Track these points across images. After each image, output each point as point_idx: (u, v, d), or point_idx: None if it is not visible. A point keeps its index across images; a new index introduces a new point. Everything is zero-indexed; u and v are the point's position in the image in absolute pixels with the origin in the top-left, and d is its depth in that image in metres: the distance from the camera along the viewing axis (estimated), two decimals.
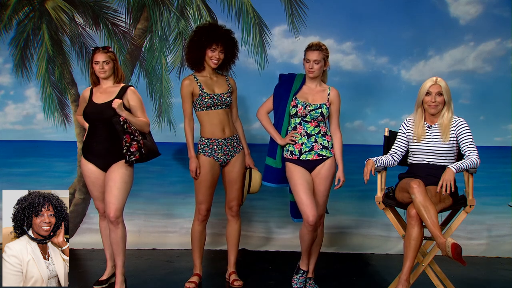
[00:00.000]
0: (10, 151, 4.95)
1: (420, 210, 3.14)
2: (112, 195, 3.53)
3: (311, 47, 3.54)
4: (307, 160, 3.56)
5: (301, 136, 3.57)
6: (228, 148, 3.75)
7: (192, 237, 3.84)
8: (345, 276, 4.05)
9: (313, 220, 3.42)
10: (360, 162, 3.56)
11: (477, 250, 4.62)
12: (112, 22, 4.88)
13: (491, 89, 4.73)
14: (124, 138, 3.51)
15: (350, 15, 4.76)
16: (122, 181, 3.55)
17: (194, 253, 3.85)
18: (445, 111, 3.48)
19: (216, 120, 3.71)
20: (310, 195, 3.47)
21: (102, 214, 3.73)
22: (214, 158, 3.73)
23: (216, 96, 3.69)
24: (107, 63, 3.59)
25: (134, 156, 3.53)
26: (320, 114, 3.55)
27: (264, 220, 4.87)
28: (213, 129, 3.71)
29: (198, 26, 3.85)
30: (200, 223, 3.80)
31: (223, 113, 3.73)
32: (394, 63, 4.80)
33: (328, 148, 3.58)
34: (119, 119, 3.51)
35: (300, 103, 3.55)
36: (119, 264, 3.63)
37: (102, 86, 3.66)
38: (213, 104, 3.69)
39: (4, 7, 4.87)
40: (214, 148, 3.72)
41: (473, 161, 3.31)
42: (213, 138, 3.72)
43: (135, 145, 3.54)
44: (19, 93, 4.96)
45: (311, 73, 3.54)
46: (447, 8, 4.74)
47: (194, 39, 3.69)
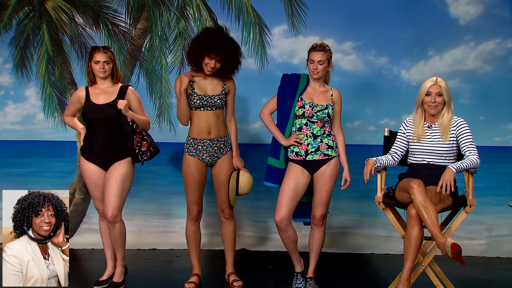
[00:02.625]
0: (10, 151, 4.95)
1: (420, 210, 3.14)
2: (111, 194, 3.55)
3: (315, 48, 3.53)
4: (312, 160, 3.56)
5: (307, 137, 3.57)
6: (213, 149, 3.72)
7: (187, 238, 3.85)
8: (345, 276, 4.05)
9: (278, 220, 3.49)
10: (360, 162, 3.56)
11: (477, 250, 4.62)
12: (112, 22, 4.88)
13: (491, 89, 4.73)
14: (134, 138, 3.56)
15: (350, 15, 4.76)
16: (122, 180, 3.57)
17: (191, 254, 3.86)
18: (445, 111, 3.48)
19: (203, 121, 3.69)
20: (291, 198, 3.51)
21: (102, 214, 3.74)
22: (199, 158, 3.71)
23: (206, 98, 3.66)
24: (107, 63, 3.60)
25: (146, 155, 3.61)
26: (327, 115, 3.55)
27: (264, 220, 4.87)
28: (199, 130, 3.69)
29: (206, 28, 3.82)
30: (193, 223, 3.81)
31: (212, 115, 3.70)
32: (394, 63, 4.80)
33: (333, 148, 3.59)
34: (127, 119, 3.53)
35: (308, 104, 3.55)
36: (119, 257, 3.71)
37: (100, 86, 3.66)
38: (201, 105, 3.67)
39: (4, 7, 4.87)
40: (199, 148, 3.71)
41: (473, 161, 3.31)
42: (198, 138, 3.71)
43: (145, 145, 3.61)
44: (19, 93, 4.96)
45: (315, 74, 3.54)
46: (447, 8, 4.74)
47: (197, 40, 3.66)
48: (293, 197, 3.53)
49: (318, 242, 3.67)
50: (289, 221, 3.54)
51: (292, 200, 3.52)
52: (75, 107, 3.69)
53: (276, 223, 3.53)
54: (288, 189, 3.52)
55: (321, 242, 3.70)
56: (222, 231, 3.89)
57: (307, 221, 3.74)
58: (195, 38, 3.70)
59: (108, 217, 3.56)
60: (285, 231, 3.55)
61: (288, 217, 3.53)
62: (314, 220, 3.64)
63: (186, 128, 3.79)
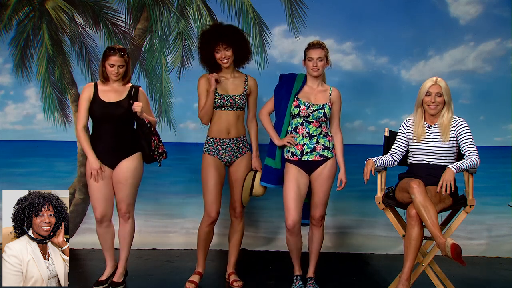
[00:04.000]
0: (10, 151, 4.95)
1: (420, 210, 3.14)
2: (123, 193, 3.63)
3: (312, 46, 3.54)
4: (308, 161, 3.55)
5: (302, 137, 3.56)
6: (233, 149, 3.74)
7: (199, 237, 3.79)
8: (345, 276, 4.05)
9: (291, 225, 3.49)
10: (360, 162, 3.56)
11: (477, 250, 4.62)
12: (112, 22, 4.88)
13: (491, 89, 4.73)
14: (153, 140, 3.57)
15: (350, 15, 4.76)
16: (132, 178, 3.62)
17: (198, 251, 3.82)
18: (445, 111, 3.48)
19: (224, 121, 3.71)
20: (297, 201, 3.51)
21: (99, 220, 3.68)
22: (218, 157, 3.73)
23: (227, 98, 3.68)
24: (121, 67, 3.59)
25: (162, 156, 3.67)
26: (323, 115, 3.55)
27: (264, 220, 4.87)
28: (219, 129, 3.72)
29: (201, 31, 3.85)
30: (209, 225, 3.75)
31: (232, 115, 3.72)
32: (394, 63, 4.80)
33: (330, 149, 3.59)
34: (145, 121, 3.56)
35: (303, 103, 3.55)
36: (123, 257, 3.74)
37: (110, 84, 3.65)
38: (222, 105, 3.68)
39: (4, 7, 4.87)
40: (219, 148, 3.72)
41: (473, 161, 3.31)
42: (217, 138, 3.72)
43: (161, 146, 3.69)
44: (19, 93, 4.96)
45: (315, 71, 3.54)
46: (447, 8, 4.74)
47: (200, 45, 3.73)
48: (299, 200, 3.54)
49: (318, 242, 3.68)
50: (300, 224, 3.57)
51: (298, 202, 3.53)
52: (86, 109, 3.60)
53: (288, 228, 3.52)
54: (292, 192, 3.52)
55: (320, 242, 3.71)
56: (230, 230, 3.89)
57: (305, 222, 3.74)
58: (198, 45, 3.76)
59: (122, 212, 3.65)
60: (296, 235, 3.57)
61: (299, 220, 3.55)
62: (314, 221, 3.65)
63: (187, 129, 3.79)
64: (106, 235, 3.73)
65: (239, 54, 3.73)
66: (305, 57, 3.59)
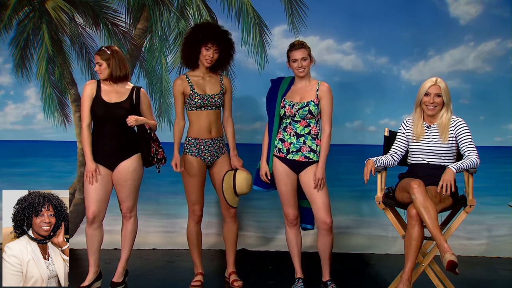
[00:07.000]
0: (10, 151, 4.95)
1: (420, 210, 3.14)
2: (123, 194, 3.64)
3: (294, 47, 3.54)
4: (293, 160, 3.56)
5: (290, 136, 3.57)
6: (214, 149, 3.74)
7: (189, 239, 3.84)
8: (345, 276, 4.05)
9: (292, 218, 3.64)
10: (360, 162, 3.56)
11: (477, 250, 4.62)
12: (112, 22, 4.88)
13: (491, 89, 4.72)
14: (152, 146, 3.58)
15: (350, 15, 4.76)
16: (132, 179, 3.62)
17: (193, 254, 3.86)
18: (444, 112, 3.48)
19: (205, 121, 3.70)
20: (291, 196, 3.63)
21: (91, 220, 3.63)
22: (201, 158, 3.72)
23: (207, 97, 3.68)
24: (100, 65, 3.57)
25: (161, 162, 3.67)
26: (308, 112, 3.52)
27: (264, 220, 4.87)
28: (201, 129, 3.71)
29: (196, 23, 3.85)
30: (196, 224, 3.81)
31: (212, 114, 3.72)
32: (394, 63, 4.80)
33: (316, 152, 3.56)
34: (146, 127, 3.56)
35: (288, 103, 3.56)
36: (124, 257, 3.74)
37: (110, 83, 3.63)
38: (202, 104, 3.68)
39: (4, 7, 4.87)
40: (201, 148, 3.71)
41: (473, 161, 3.31)
42: (199, 138, 3.71)
43: (161, 152, 3.68)
44: (19, 93, 4.96)
45: (301, 72, 3.54)
46: (447, 8, 4.73)
47: (190, 36, 3.69)
48: (293, 195, 3.63)
49: (330, 244, 3.64)
50: (298, 215, 3.68)
51: (294, 197, 3.64)
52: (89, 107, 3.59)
53: (289, 221, 3.66)
54: (285, 188, 3.60)
55: (332, 244, 3.66)
56: (224, 230, 3.89)
57: (308, 227, 3.76)
58: (187, 34, 3.72)
59: (124, 212, 3.67)
60: (297, 229, 3.69)
61: (298, 212, 3.67)
62: (326, 225, 3.56)
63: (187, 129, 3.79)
64: (94, 237, 3.64)
65: (221, 61, 3.72)
66: (289, 59, 3.56)
